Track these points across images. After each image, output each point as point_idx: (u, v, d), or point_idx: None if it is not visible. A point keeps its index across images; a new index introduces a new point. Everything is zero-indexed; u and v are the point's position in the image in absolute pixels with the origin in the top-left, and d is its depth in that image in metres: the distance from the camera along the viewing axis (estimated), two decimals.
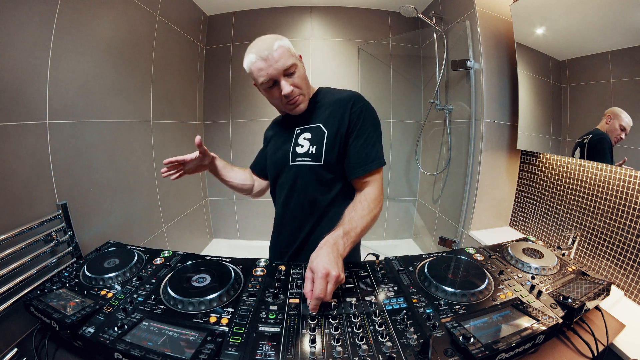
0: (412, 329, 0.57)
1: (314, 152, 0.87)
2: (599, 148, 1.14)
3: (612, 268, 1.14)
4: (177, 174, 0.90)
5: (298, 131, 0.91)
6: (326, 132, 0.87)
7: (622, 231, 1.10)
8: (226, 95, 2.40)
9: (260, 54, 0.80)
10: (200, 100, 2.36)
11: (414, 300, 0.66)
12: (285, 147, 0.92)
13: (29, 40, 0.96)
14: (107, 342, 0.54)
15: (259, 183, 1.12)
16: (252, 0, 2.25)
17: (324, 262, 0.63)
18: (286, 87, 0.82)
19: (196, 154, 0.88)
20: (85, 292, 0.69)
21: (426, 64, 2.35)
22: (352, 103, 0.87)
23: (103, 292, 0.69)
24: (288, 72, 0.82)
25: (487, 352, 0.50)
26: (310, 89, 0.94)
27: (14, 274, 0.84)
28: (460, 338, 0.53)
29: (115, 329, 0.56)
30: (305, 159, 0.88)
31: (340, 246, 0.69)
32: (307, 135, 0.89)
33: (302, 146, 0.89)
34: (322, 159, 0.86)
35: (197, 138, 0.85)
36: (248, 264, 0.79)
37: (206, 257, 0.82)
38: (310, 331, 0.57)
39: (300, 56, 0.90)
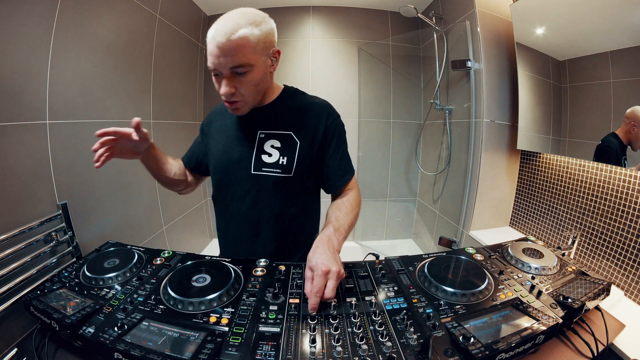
0: (412, 329, 0.57)
1: (284, 163, 0.80)
2: (604, 156, 1.14)
3: (612, 268, 1.14)
4: (105, 158, 0.68)
5: (262, 135, 0.82)
6: (299, 142, 0.81)
7: (622, 231, 1.10)
8: None
9: (216, 37, 0.66)
10: (200, 100, 2.36)
11: (414, 300, 0.66)
12: (243, 151, 0.82)
13: (29, 40, 0.96)
14: (107, 342, 0.54)
15: (191, 178, 0.98)
16: (252, 1, 2.25)
17: (323, 260, 0.64)
18: (223, 87, 0.71)
19: (132, 132, 0.70)
20: (85, 292, 0.69)
21: (426, 64, 2.36)
22: (326, 114, 0.84)
23: (103, 292, 0.69)
24: (237, 72, 0.70)
25: (487, 352, 0.50)
26: (268, 92, 0.83)
27: (14, 274, 0.84)
28: (460, 338, 0.53)
29: (115, 329, 0.56)
30: (274, 170, 0.81)
31: (334, 242, 0.70)
32: (276, 143, 0.81)
33: (270, 155, 0.81)
34: (293, 171, 0.81)
35: (135, 120, 0.67)
36: (248, 264, 0.79)
37: (206, 257, 0.82)
38: (310, 331, 0.57)
39: (277, 52, 0.77)
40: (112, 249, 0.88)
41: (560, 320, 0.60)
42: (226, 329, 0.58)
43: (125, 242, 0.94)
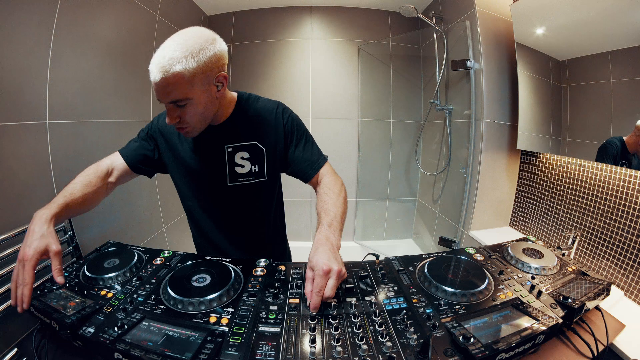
0: (412, 329, 0.57)
1: (257, 170, 0.87)
2: (603, 154, 1.15)
3: (612, 268, 1.14)
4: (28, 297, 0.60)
5: (230, 149, 0.84)
6: (264, 149, 0.86)
7: (622, 231, 1.10)
8: None
9: (152, 73, 0.65)
10: None
11: (414, 300, 0.66)
12: (215, 165, 0.85)
13: (29, 40, 0.96)
14: (107, 342, 0.54)
15: (120, 177, 0.88)
16: (252, 0, 2.25)
17: (324, 259, 0.64)
18: (167, 118, 0.72)
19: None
20: (85, 292, 0.69)
21: (426, 64, 2.35)
22: (282, 115, 0.88)
23: (103, 292, 0.69)
24: (177, 104, 0.70)
25: (487, 352, 0.50)
26: (221, 110, 0.81)
27: None
28: (460, 338, 0.53)
29: (115, 329, 0.56)
30: (249, 178, 0.87)
31: (332, 240, 0.70)
32: (244, 154, 0.85)
33: (242, 166, 0.86)
34: (266, 174, 0.88)
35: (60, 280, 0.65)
36: (248, 264, 0.79)
37: (206, 257, 0.82)
38: (310, 331, 0.57)
39: (223, 77, 0.73)
40: (112, 249, 0.88)
41: (560, 320, 0.60)
42: (226, 329, 0.58)
43: (125, 242, 0.94)
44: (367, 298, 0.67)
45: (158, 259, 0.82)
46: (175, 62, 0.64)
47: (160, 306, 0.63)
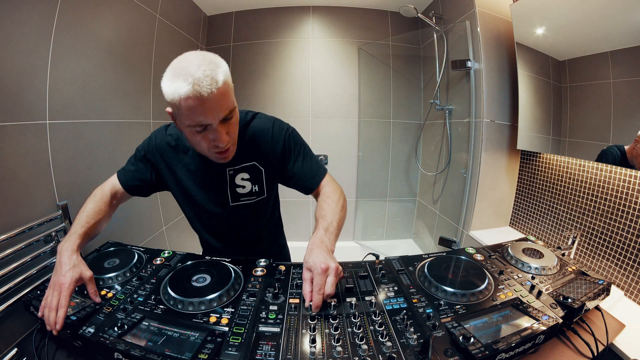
0: (412, 329, 0.57)
1: (257, 190, 0.88)
2: (602, 161, 1.16)
3: (612, 268, 1.14)
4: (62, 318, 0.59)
5: (231, 172, 0.85)
6: (263, 169, 0.87)
7: (622, 231, 1.10)
8: None
9: (199, 89, 0.59)
10: None
11: (414, 300, 0.66)
12: (218, 188, 0.86)
13: (29, 40, 0.96)
14: (107, 342, 0.54)
15: (122, 199, 0.92)
16: (252, 0, 2.25)
17: (320, 259, 0.64)
18: (223, 137, 0.67)
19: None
20: (86, 292, 0.69)
21: (426, 64, 2.35)
22: (279, 134, 0.86)
23: (103, 292, 0.69)
24: (227, 117, 0.67)
25: (487, 352, 0.50)
26: None
27: (14, 274, 0.84)
28: (460, 338, 0.53)
29: (115, 328, 0.56)
30: (250, 197, 0.88)
31: (327, 242, 0.70)
32: (245, 175, 0.86)
33: (243, 187, 0.87)
34: (265, 192, 0.90)
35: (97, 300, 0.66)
36: (248, 264, 0.79)
37: (206, 257, 0.82)
38: (310, 331, 0.57)
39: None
40: (112, 249, 0.88)
41: (560, 320, 0.60)
42: (226, 329, 0.58)
43: (125, 242, 0.94)
44: (367, 298, 0.67)
45: (158, 259, 0.83)
46: (219, 69, 0.63)
47: (160, 306, 0.64)
